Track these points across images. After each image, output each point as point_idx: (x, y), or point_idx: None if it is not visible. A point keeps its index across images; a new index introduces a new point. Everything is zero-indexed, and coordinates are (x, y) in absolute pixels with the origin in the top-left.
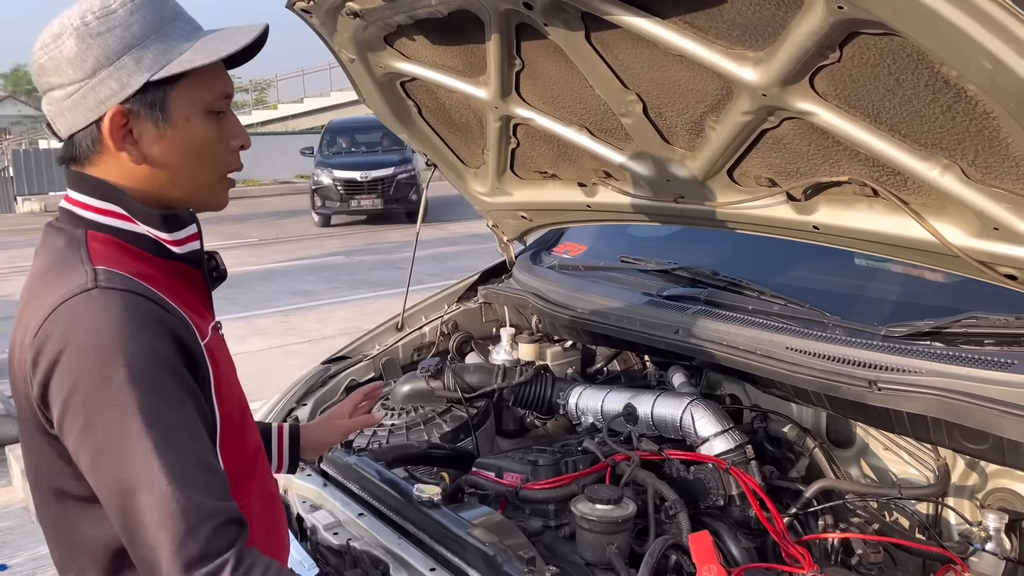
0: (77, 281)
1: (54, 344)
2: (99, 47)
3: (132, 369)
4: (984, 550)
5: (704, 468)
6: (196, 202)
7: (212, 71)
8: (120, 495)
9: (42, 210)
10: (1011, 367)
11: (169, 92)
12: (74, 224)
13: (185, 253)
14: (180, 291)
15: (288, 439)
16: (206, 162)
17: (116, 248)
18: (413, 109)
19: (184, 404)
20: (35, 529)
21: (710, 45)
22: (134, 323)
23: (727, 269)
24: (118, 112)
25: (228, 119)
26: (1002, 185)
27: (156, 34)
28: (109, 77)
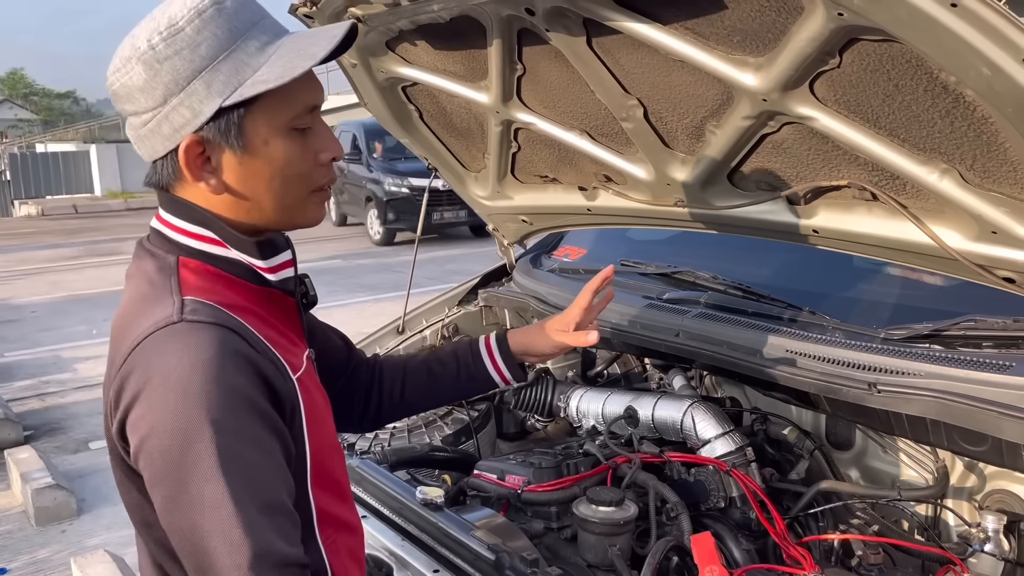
0: (163, 313)
1: (135, 381)
2: (167, 73)
3: (212, 411)
4: (983, 551)
5: (705, 470)
6: (286, 223)
7: (291, 86)
8: (192, 540)
9: (39, 214)
10: (1009, 369)
11: (245, 115)
12: (166, 248)
13: (279, 280)
14: (272, 320)
15: (498, 349)
16: (291, 183)
17: (208, 276)
18: (414, 113)
19: (266, 447)
20: (34, 533)
21: (711, 51)
22: (217, 361)
23: (727, 272)
24: (193, 142)
25: (315, 132)
26: (1000, 189)
27: (228, 51)
28: (180, 104)
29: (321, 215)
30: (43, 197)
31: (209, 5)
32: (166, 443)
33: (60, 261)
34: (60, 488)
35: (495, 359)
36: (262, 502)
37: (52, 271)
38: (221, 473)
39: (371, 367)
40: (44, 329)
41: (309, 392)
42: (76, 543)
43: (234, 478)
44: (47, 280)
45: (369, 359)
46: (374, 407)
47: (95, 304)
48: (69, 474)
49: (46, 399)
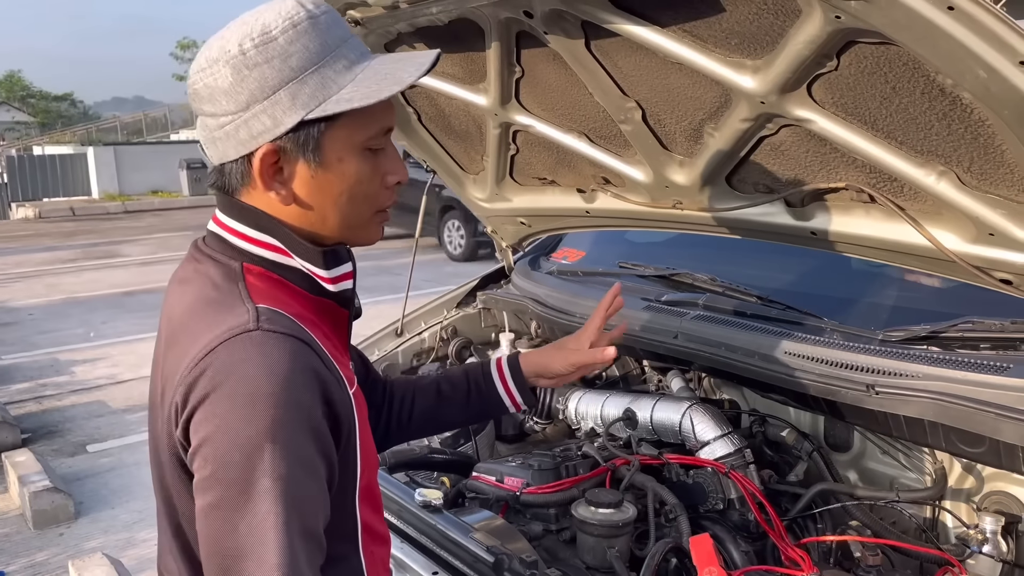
0: (238, 320)
1: (206, 382)
2: (255, 79)
3: (276, 428)
4: (981, 552)
5: (703, 472)
6: (346, 239)
7: (372, 107)
8: (226, 551)
9: (36, 216)
10: (1007, 371)
11: (324, 131)
12: (229, 254)
13: (338, 291)
14: (329, 332)
15: (509, 371)
16: (358, 202)
17: (272, 283)
18: (413, 116)
19: (316, 471)
20: (32, 536)
21: (709, 53)
22: (290, 375)
23: (725, 274)
24: (270, 151)
25: (385, 154)
26: (997, 191)
27: (317, 66)
28: (263, 112)
29: (379, 235)
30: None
31: (304, 18)
32: (225, 449)
33: (57, 264)
34: (58, 491)
35: (507, 382)
36: (302, 529)
37: (49, 274)
38: (274, 493)
39: (383, 386)
40: (41, 332)
41: (361, 406)
42: (74, 546)
43: (284, 501)
44: (44, 283)
45: (381, 378)
46: (382, 427)
47: (92, 307)
48: (67, 477)
49: (43, 402)
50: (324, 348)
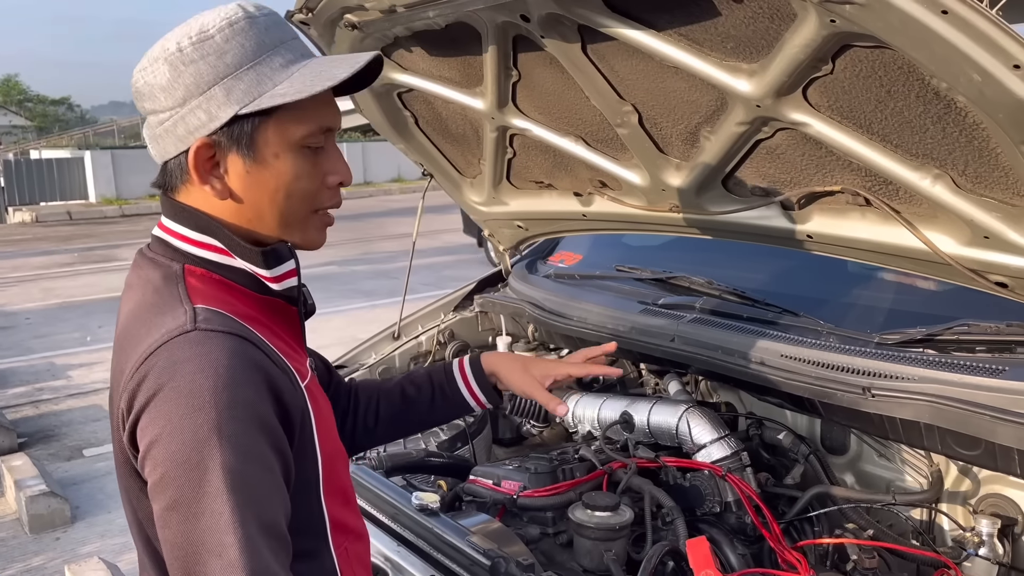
0: (176, 322)
1: (147, 387)
2: (191, 75)
3: (223, 424)
4: (977, 555)
5: (700, 475)
6: (285, 239)
7: (308, 104)
8: (186, 555)
9: (33, 220)
10: (1003, 373)
11: (258, 126)
12: (170, 256)
13: (283, 290)
14: (277, 329)
15: (471, 371)
16: (295, 200)
17: (214, 284)
18: (410, 120)
19: (269, 466)
20: (28, 540)
21: (705, 57)
22: (231, 371)
23: (722, 278)
24: (204, 144)
25: (326, 154)
26: (992, 194)
27: (253, 63)
28: (199, 107)
29: (322, 239)
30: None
31: (242, 18)
32: (173, 450)
33: (54, 268)
34: (54, 495)
35: (469, 382)
36: (261, 523)
37: (46, 278)
38: (226, 489)
39: (348, 391)
40: (38, 336)
41: (316, 400)
42: (70, 551)
43: (238, 495)
44: (41, 287)
45: (346, 383)
46: (348, 432)
47: (89, 311)
48: (63, 481)
49: (40, 406)
50: (270, 344)
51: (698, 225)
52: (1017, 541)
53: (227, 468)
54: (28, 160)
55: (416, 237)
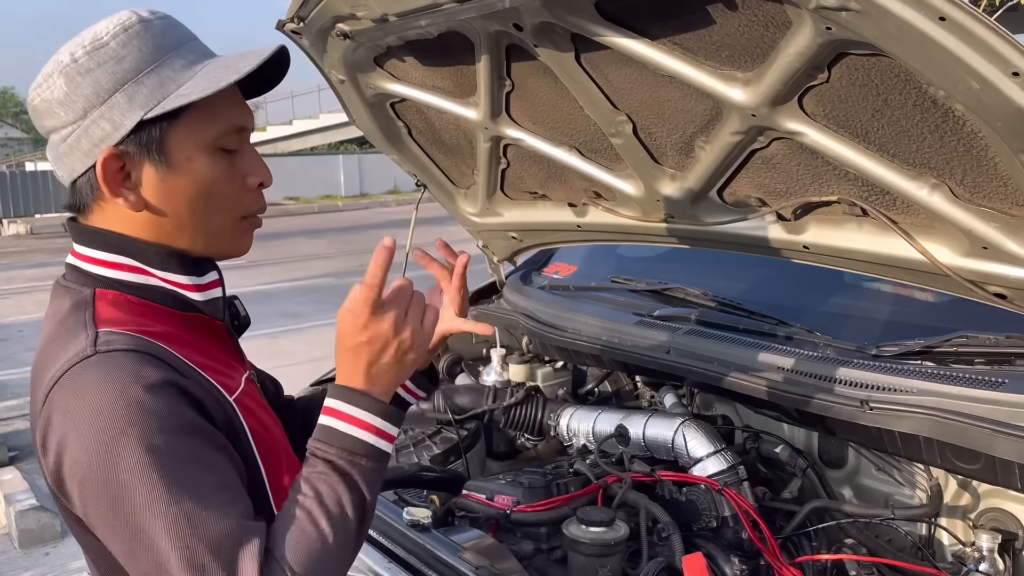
0: (76, 348)
1: (58, 428)
2: (89, 85)
3: (145, 443)
4: (977, 571)
5: (696, 489)
6: (211, 250)
7: (217, 103)
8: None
9: (27, 233)
10: (1002, 386)
11: (167, 130)
12: (81, 282)
13: (205, 300)
14: (203, 345)
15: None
16: (216, 206)
17: (128, 306)
18: (403, 130)
19: (210, 462)
20: (18, 556)
21: (699, 66)
22: (139, 386)
23: (717, 289)
24: (111, 155)
25: (243, 155)
26: (990, 204)
27: (153, 66)
28: (101, 117)
29: (248, 245)
30: (32, 216)
31: (136, 22)
32: (107, 490)
33: (48, 280)
34: (44, 510)
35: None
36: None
37: (39, 290)
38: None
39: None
40: (31, 349)
41: (251, 411)
42: (60, 566)
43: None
44: (34, 299)
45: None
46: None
47: None
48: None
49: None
50: (187, 359)
51: (693, 236)
52: (1018, 556)
53: (167, 483)
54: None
55: (410, 248)
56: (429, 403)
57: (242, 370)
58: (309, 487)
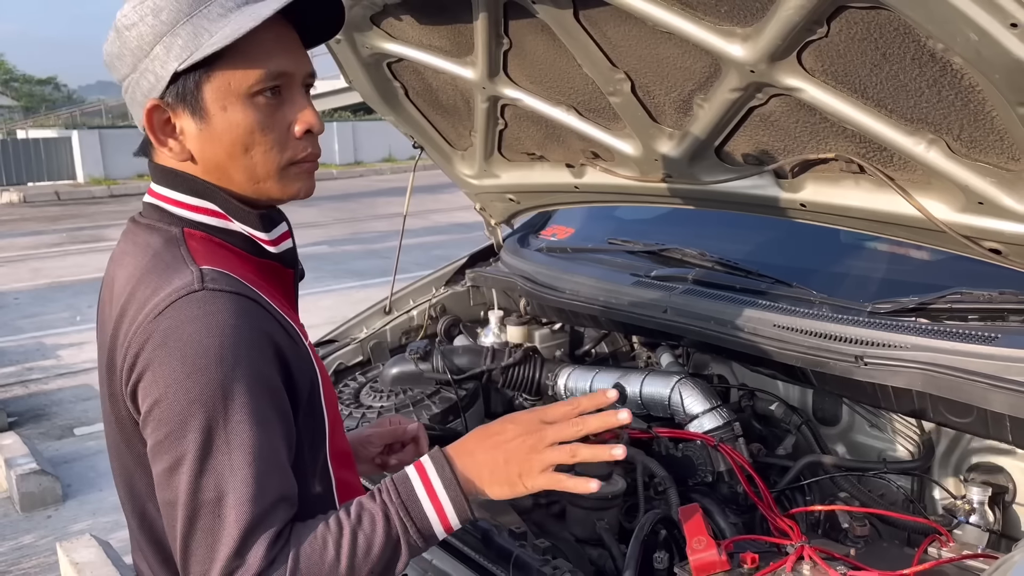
0: (182, 281)
1: (152, 346)
2: (134, 39)
3: (228, 385)
4: (968, 523)
5: (693, 445)
6: (262, 196)
7: (253, 50)
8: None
9: (20, 201)
10: (995, 341)
11: (202, 81)
12: (167, 221)
13: (280, 252)
14: (273, 291)
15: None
16: (256, 154)
17: (214, 247)
18: (400, 90)
19: (272, 426)
20: (19, 519)
21: (698, 21)
22: (238, 331)
23: (714, 249)
24: (153, 107)
25: (289, 101)
26: (986, 159)
27: (189, 17)
28: (147, 70)
29: (304, 189)
30: (24, 184)
31: None
32: (177, 409)
33: (42, 248)
34: (45, 474)
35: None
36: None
37: (34, 258)
38: (231, 446)
39: None
40: (26, 316)
41: (318, 361)
42: (61, 528)
43: (243, 453)
44: (29, 267)
45: None
46: None
47: (78, 291)
48: (54, 460)
49: (30, 386)
50: (273, 304)
51: (691, 195)
52: (1008, 509)
53: (231, 426)
54: (15, 140)
55: (407, 211)
56: (428, 364)
57: (299, 318)
58: (356, 518)
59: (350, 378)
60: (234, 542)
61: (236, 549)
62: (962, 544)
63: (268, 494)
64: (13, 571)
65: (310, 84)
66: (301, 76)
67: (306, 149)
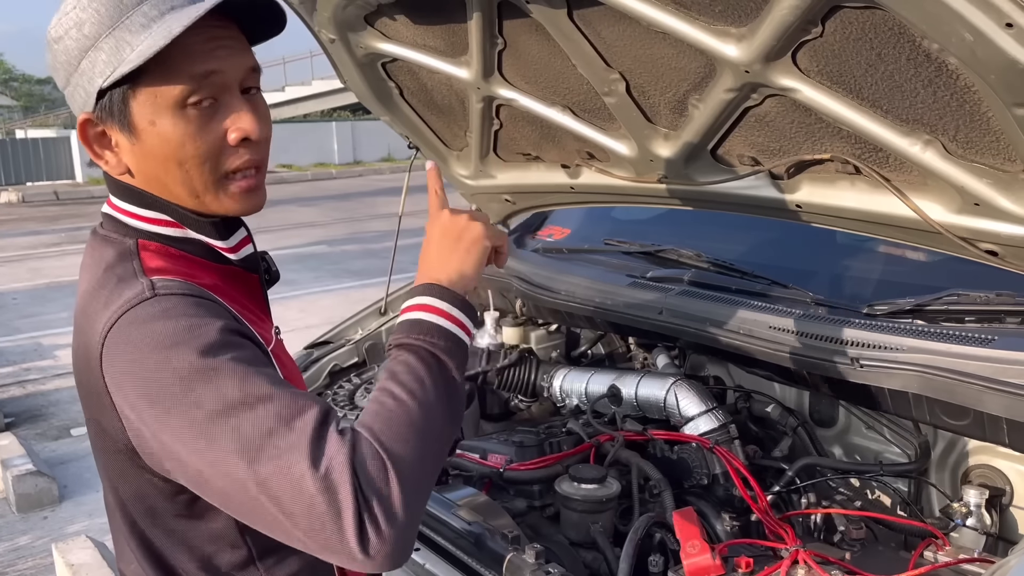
0: (132, 292)
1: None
2: (62, 53)
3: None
4: (965, 525)
5: (688, 448)
6: (205, 210)
7: (174, 58)
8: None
9: (19, 200)
10: (992, 343)
11: (128, 96)
12: (123, 233)
13: (240, 259)
14: (240, 297)
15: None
16: (191, 167)
17: (170, 257)
18: (395, 91)
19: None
20: (16, 520)
21: (692, 21)
22: (200, 314)
23: (710, 250)
24: (85, 120)
25: (224, 107)
26: (982, 160)
27: (111, 29)
28: (77, 85)
29: (247, 204)
30: (23, 184)
31: None
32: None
33: (41, 248)
34: (41, 475)
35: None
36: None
37: (33, 258)
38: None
39: None
40: (24, 316)
41: (284, 364)
42: (57, 530)
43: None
44: (27, 267)
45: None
46: None
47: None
48: (50, 461)
49: (27, 386)
50: (233, 309)
51: (686, 196)
52: (1004, 511)
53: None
54: (13, 140)
55: (403, 212)
56: None
57: (271, 323)
58: (386, 374)
59: (345, 380)
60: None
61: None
62: (958, 547)
63: (301, 396)
64: (9, 572)
65: (254, 83)
66: (238, 77)
67: (242, 157)
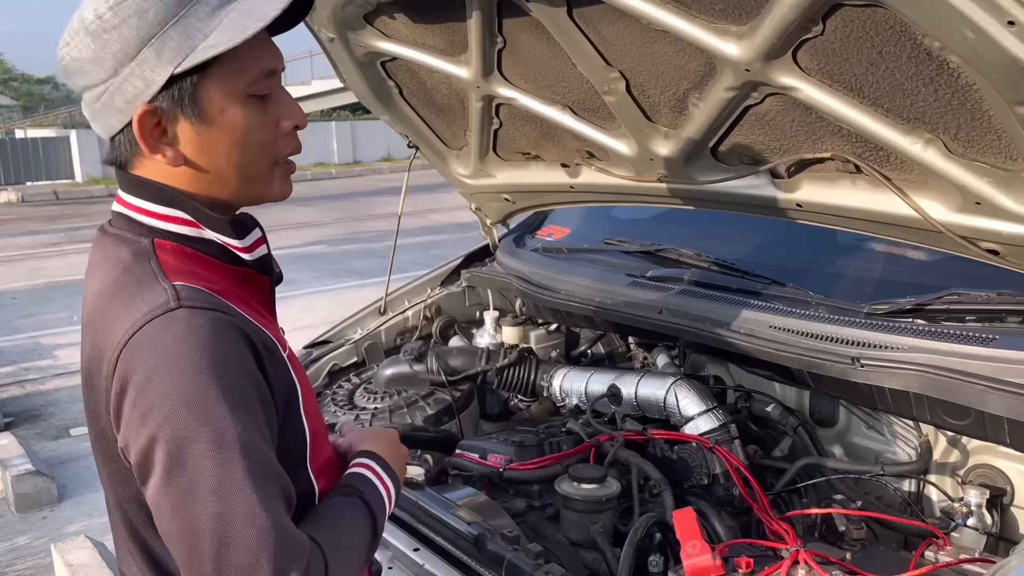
0: (157, 300)
1: (141, 371)
2: (116, 42)
3: (225, 404)
4: (966, 525)
5: (688, 447)
6: (251, 197)
7: (245, 50)
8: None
9: (19, 200)
10: (993, 342)
11: (199, 83)
12: (137, 232)
13: (255, 259)
14: (250, 299)
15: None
16: (252, 153)
17: (187, 258)
18: (394, 90)
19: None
20: (15, 520)
21: (693, 19)
22: (224, 351)
23: (710, 249)
24: (146, 112)
25: (275, 99)
26: (984, 159)
27: (177, 17)
28: (132, 75)
29: (288, 189)
30: (23, 183)
31: None
32: (182, 433)
33: (40, 248)
34: (41, 475)
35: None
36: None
37: (32, 258)
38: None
39: None
40: (24, 316)
41: (298, 370)
42: (56, 530)
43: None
44: (27, 267)
45: None
46: None
47: (76, 291)
48: (50, 460)
49: (26, 386)
50: (249, 317)
51: (686, 195)
52: (1006, 511)
53: (239, 439)
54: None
55: (402, 211)
56: (423, 365)
57: (277, 325)
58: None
59: (344, 379)
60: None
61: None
62: (959, 547)
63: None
64: (8, 572)
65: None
66: (279, 71)
67: (291, 145)
